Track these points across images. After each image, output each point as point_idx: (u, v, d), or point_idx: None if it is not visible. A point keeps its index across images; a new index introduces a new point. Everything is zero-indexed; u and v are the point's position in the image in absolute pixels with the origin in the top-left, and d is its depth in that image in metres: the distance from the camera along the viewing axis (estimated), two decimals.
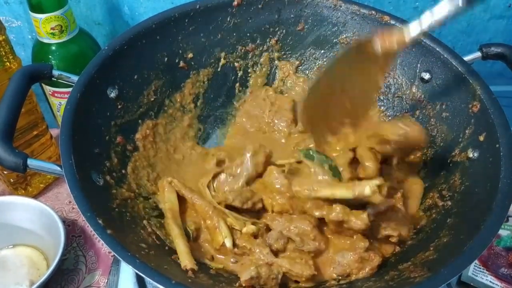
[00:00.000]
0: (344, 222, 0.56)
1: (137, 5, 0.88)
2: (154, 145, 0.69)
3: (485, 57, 0.66)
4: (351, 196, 0.55)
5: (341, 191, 0.56)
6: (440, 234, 0.56)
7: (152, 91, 0.70)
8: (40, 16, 0.70)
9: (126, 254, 0.47)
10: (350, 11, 0.74)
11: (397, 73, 0.74)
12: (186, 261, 0.54)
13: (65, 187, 0.83)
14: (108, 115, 0.63)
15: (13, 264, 0.70)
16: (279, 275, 0.55)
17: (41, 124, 0.78)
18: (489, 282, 0.66)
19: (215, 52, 0.76)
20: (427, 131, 0.69)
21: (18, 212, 0.71)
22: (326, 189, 0.58)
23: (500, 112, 0.59)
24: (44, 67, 0.61)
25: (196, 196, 0.63)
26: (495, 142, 0.57)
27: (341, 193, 0.56)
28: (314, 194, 0.59)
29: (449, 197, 0.61)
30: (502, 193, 0.53)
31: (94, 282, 0.70)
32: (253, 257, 0.57)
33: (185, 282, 0.50)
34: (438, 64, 0.68)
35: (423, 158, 0.69)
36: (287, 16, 0.76)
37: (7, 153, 0.51)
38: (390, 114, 0.75)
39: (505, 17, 0.94)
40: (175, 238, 0.58)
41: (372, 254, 0.56)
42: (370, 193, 0.53)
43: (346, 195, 0.56)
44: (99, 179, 0.57)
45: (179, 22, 0.71)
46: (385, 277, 0.54)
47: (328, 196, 0.58)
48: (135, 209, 0.60)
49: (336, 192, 0.57)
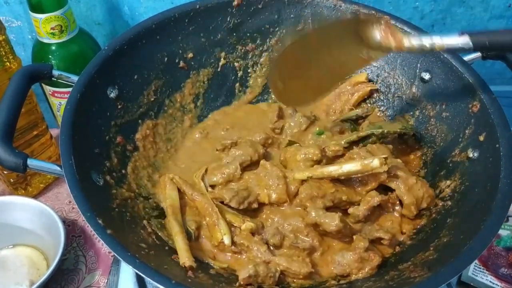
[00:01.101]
0: (319, 225, 0.57)
1: (137, 5, 0.88)
2: (154, 145, 0.69)
3: (485, 57, 0.66)
4: (358, 168, 0.58)
5: (349, 165, 0.59)
6: (440, 234, 0.56)
7: (152, 91, 0.70)
8: (40, 16, 0.70)
9: (126, 254, 0.47)
10: (350, 11, 0.74)
11: (397, 73, 0.74)
12: (185, 259, 0.54)
13: (65, 187, 0.83)
14: (108, 115, 0.63)
15: (13, 264, 0.70)
16: (277, 273, 0.55)
17: (41, 124, 0.78)
18: (489, 282, 0.66)
19: (215, 52, 0.76)
20: (427, 131, 0.70)
21: (18, 212, 0.71)
22: (334, 164, 0.61)
23: (500, 112, 0.59)
24: (44, 67, 0.61)
25: (196, 193, 0.63)
26: (495, 142, 0.57)
27: (349, 167, 0.59)
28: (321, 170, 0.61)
29: (449, 197, 0.61)
30: (502, 193, 0.53)
31: (94, 282, 0.70)
32: (251, 254, 0.58)
33: (185, 282, 0.50)
34: (438, 64, 0.68)
35: (423, 158, 0.70)
36: (287, 16, 0.76)
37: (7, 153, 0.51)
38: (390, 114, 0.75)
39: (505, 17, 0.94)
40: (175, 235, 0.58)
41: (372, 254, 0.56)
42: (379, 165, 0.57)
43: (353, 168, 0.58)
44: (99, 179, 0.57)
45: (179, 22, 0.71)
46: (385, 277, 0.54)
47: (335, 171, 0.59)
48: (135, 209, 0.60)
49: (344, 165, 0.59)
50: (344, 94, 0.77)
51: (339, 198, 0.61)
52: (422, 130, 0.70)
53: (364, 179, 0.62)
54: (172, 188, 0.64)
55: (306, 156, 0.64)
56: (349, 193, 0.62)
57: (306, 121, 0.73)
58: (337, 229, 0.56)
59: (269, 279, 0.54)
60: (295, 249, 0.58)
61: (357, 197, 0.62)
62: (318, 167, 0.62)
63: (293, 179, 0.63)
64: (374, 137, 0.68)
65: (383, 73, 0.75)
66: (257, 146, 0.68)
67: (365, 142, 0.68)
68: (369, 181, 0.62)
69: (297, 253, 0.58)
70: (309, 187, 0.60)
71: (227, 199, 0.61)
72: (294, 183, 0.62)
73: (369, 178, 0.62)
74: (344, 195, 0.61)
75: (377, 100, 0.77)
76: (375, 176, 0.61)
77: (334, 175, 0.60)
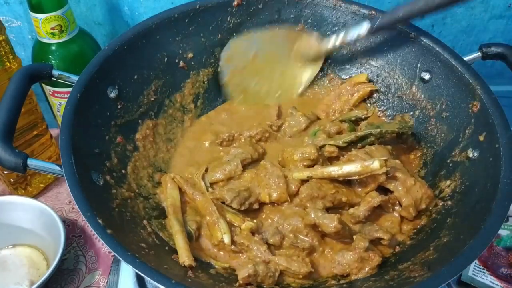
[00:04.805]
0: (318, 226, 0.57)
1: (137, 5, 0.88)
2: (154, 145, 0.69)
3: (485, 57, 0.66)
4: (358, 169, 0.58)
5: (349, 166, 0.59)
6: (440, 234, 0.56)
7: (152, 91, 0.70)
8: (40, 16, 0.70)
9: (126, 254, 0.47)
10: (350, 11, 0.74)
11: (397, 73, 0.74)
12: (184, 258, 0.54)
13: (65, 187, 0.83)
14: (108, 115, 0.63)
15: (13, 264, 0.70)
16: (276, 273, 0.55)
17: (41, 124, 0.78)
18: (489, 282, 0.66)
19: (215, 52, 0.76)
20: (427, 131, 0.70)
21: (18, 212, 0.71)
22: (334, 165, 0.61)
23: (500, 112, 0.59)
24: (44, 67, 0.61)
25: (197, 192, 0.63)
26: (495, 142, 0.57)
27: (349, 168, 0.59)
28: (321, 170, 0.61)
29: (449, 197, 0.61)
30: (502, 193, 0.53)
31: (94, 282, 0.70)
32: (251, 254, 0.58)
33: (185, 282, 0.50)
34: (438, 64, 0.68)
35: (423, 158, 0.69)
36: (287, 16, 0.76)
37: (7, 153, 0.51)
38: (390, 114, 0.75)
39: (505, 17, 0.94)
40: (175, 234, 0.58)
41: (372, 254, 0.56)
42: (379, 166, 0.57)
43: (353, 169, 0.59)
44: (99, 179, 0.57)
45: (179, 22, 0.71)
46: (385, 277, 0.54)
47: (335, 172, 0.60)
48: (135, 209, 0.60)
49: (344, 166, 0.59)
50: (344, 95, 0.77)
51: (339, 200, 0.61)
52: (422, 130, 0.70)
53: (363, 181, 0.62)
54: (173, 187, 0.64)
55: (303, 155, 0.64)
56: (349, 195, 0.62)
57: (306, 120, 0.73)
58: (335, 230, 0.56)
59: (269, 279, 0.54)
60: (295, 249, 0.58)
61: (357, 199, 0.62)
62: (318, 167, 0.62)
63: (293, 178, 0.63)
64: (372, 137, 0.68)
65: (383, 73, 0.75)
66: (256, 146, 0.68)
67: (364, 142, 0.68)
68: (368, 183, 0.62)
69: (296, 253, 0.58)
70: (310, 187, 0.60)
71: (228, 200, 0.61)
72: (294, 183, 0.63)
73: (368, 179, 0.62)
74: (344, 197, 0.61)
75: (377, 100, 0.77)
76: (374, 177, 0.61)
77: (334, 176, 0.60)
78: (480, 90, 0.62)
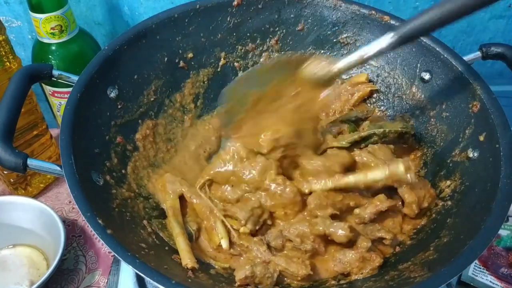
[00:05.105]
0: (328, 235, 0.56)
1: (137, 5, 0.88)
2: (154, 145, 0.69)
3: (485, 57, 0.66)
4: (385, 175, 0.57)
5: (374, 173, 0.58)
6: (440, 234, 0.56)
7: (152, 91, 0.70)
8: (40, 16, 0.70)
9: (126, 254, 0.47)
10: (350, 11, 0.74)
11: (397, 73, 0.74)
12: (187, 260, 0.54)
13: (65, 187, 0.83)
14: (108, 115, 0.63)
15: (13, 264, 0.70)
16: (275, 274, 0.55)
17: (41, 124, 0.78)
18: (489, 282, 0.66)
19: (215, 52, 0.76)
20: (427, 131, 0.70)
21: (18, 212, 0.71)
22: (357, 173, 0.59)
23: (500, 112, 0.59)
24: (44, 67, 0.61)
25: (194, 196, 0.63)
26: (495, 142, 0.57)
27: (374, 175, 0.58)
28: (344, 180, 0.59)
29: (449, 197, 0.61)
30: (502, 193, 0.53)
31: (94, 282, 0.70)
32: (250, 254, 0.57)
33: (185, 282, 0.50)
34: (438, 64, 0.68)
35: (423, 158, 0.69)
36: (287, 16, 0.76)
37: (7, 153, 0.51)
38: (390, 114, 0.75)
39: (505, 17, 0.94)
40: (176, 237, 0.58)
41: (374, 255, 0.56)
42: (404, 170, 0.56)
43: (379, 176, 0.57)
44: (99, 179, 0.57)
45: (179, 22, 0.71)
46: (385, 277, 0.54)
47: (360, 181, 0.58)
48: (135, 209, 0.60)
49: (368, 173, 0.58)
50: (344, 94, 0.77)
51: (347, 204, 0.60)
52: (422, 130, 0.70)
53: None
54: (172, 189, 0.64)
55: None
56: (356, 198, 0.61)
57: None
58: (347, 240, 0.55)
59: (267, 280, 0.54)
60: (297, 251, 0.58)
61: (364, 201, 0.61)
62: (340, 177, 0.59)
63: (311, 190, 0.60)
64: (375, 137, 0.67)
65: (383, 73, 0.75)
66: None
67: (367, 142, 0.67)
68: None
69: (298, 255, 0.58)
70: (317, 197, 0.59)
71: (242, 220, 0.59)
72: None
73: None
74: (352, 201, 0.60)
75: (377, 100, 0.77)
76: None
77: (359, 185, 0.59)
78: (480, 90, 0.62)
